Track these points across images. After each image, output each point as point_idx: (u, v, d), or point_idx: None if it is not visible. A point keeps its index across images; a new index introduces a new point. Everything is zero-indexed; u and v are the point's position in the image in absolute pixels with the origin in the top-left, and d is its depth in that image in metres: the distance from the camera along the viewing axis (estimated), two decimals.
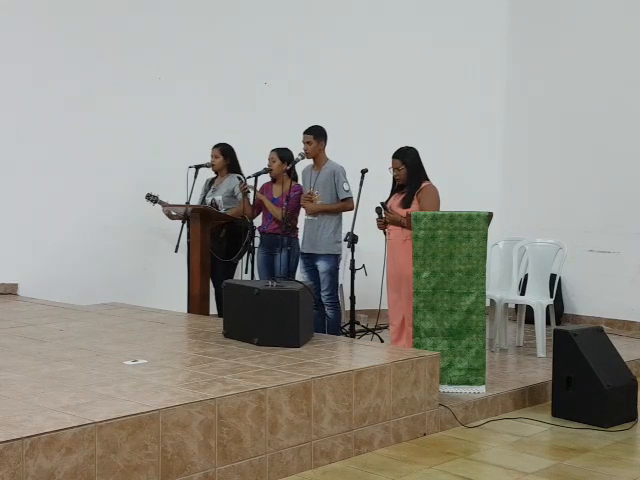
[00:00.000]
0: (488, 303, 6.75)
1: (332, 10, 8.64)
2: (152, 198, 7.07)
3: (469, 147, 8.92)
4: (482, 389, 5.28)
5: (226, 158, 7.10)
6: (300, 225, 6.70)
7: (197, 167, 7.06)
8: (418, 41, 8.83)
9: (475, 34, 9.01)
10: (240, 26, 8.28)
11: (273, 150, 6.78)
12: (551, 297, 6.91)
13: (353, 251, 6.09)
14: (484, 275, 5.28)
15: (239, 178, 6.97)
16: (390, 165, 5.89)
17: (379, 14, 8.78)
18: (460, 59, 8.95)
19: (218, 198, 7.04)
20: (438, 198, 5.81)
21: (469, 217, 5.27)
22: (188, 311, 6.71)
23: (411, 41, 8.81)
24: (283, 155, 6.73)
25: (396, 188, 5.99)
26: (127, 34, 7.79)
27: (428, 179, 5.88)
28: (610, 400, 4.98)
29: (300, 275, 6.54)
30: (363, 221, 6.01)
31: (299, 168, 6.77)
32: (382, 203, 5.85)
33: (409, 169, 5.82)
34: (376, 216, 5.84)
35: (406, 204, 5.78)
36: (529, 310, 6.93)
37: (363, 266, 6.32)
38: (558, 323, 7.50)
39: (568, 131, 8.68)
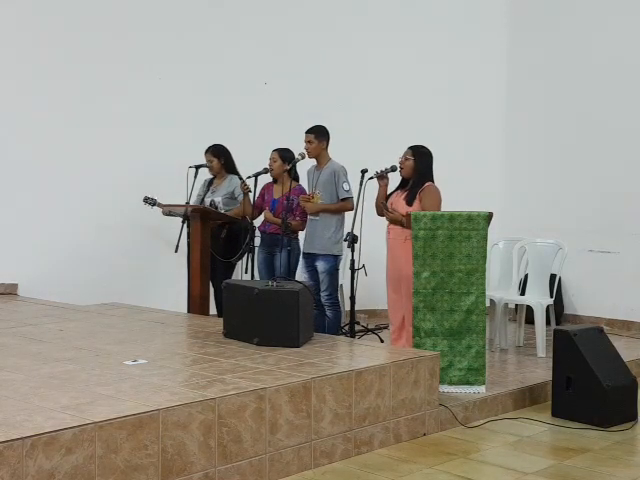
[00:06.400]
0: (488, 303, 6.75)
1: (333, 10, 8.64)
2: (150, 201, 7.05)
3: (469, 147, 8.92)
4: (482, 389, 5.28)
5: (220, 159, 7.11)
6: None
7: (197, 167, 7.07)
8: (419, 41, 8.84)
9: (475, 34, 9.01)
10: (240, 26, 8.28)
11: (274, 150, 6.78)
12: (551, 297, 6.91)
13: (353, 251, 6.09)
14: (484, 275, 5.28)
15: (240, 178, 6.98)
16: (400, 156, 5.93)
17: (380, 15, 8.77)
18: (460, 59, 8.95)
19: (217, 199, 7.04)
20: (439, 199, 5.82)
21: (469, 217, 5.27)
22: (188, 311, 6.71)
23: (412, 41, 8.82)
24: (284, 155, 6.73)
25: (399, 184, 6.02)
26: (127, 34, 7.78)
27: (433, 181, 5.90)
28: (610, 400, 4.98)
29: (301, 275, 6.54)
30: (363, 221, 6.00)
31: (301, 168, 6.77)
32: (381, 170, 5.92)
33: (416, 164, 5.85)
34: (384, 169, 5.91)
35: (409, 201, 5.79)
36: (529, 310, 6.92)
37: (363, 266, 6.32)
38: (558, 323, 7.50)
39: (568, 131, 8.68)
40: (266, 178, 6.88)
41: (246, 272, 6.60)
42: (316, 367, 4.38)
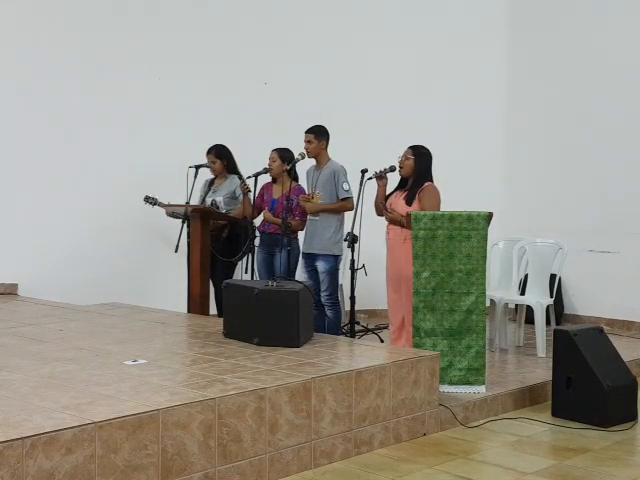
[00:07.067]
0: (488, 303, 6.75)
1: (333, 10, 8.63)
2: (151, 200, 7.06)
3: (469, 147, 8.92)
4: (482, 389, 5.28)
5: (223, 160, 7.11)
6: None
7: (197, 167, 7.07)
8: (418, 41, 8.84)
9: (475, 34, 9.01)
10: (240, 26, 8.28)
11: (274, 150, 6.78)
12: (551, 297, 6.91)
13: (353, 251, 6.09)
14: (484, 275, 5.28)
15: (240, 178, 6.98)
16: (400, 156, 5.93)
17: (380, 15, 8.77)
18: (460, 59, 8.95)
19: (219, 199, 7.04)
20: (439, 199, 5.82)
21: (469, 217, 5.27)
22: (188, 311, 6.71)
23: (411, 41, 8.82)
24: (284, 155, 6.73)
25: (398, 185, 6.03)
26: (127, 34, 7.78)
27: (432, 181, 5.91)
28: (610, 400, 4.98)
29: (300, 275, 6.54)
30: (363, 221, 6.00)
31: (300, 168, 6.77)
32: (380, 170, 5.93)
33: (416, 164, 5.86)
34: (384, 169, 5.92)
35: (408, 201, 5.79)
36: (529, 310, 6.93)
37: (363, 266, 6.32)
38: (558, 323, 7.50)
39: (568, 131, 8.68)
40: (266, 178, 6.88)
41: (246, 272, 6.60)
42: (316, 367, 4.38)
